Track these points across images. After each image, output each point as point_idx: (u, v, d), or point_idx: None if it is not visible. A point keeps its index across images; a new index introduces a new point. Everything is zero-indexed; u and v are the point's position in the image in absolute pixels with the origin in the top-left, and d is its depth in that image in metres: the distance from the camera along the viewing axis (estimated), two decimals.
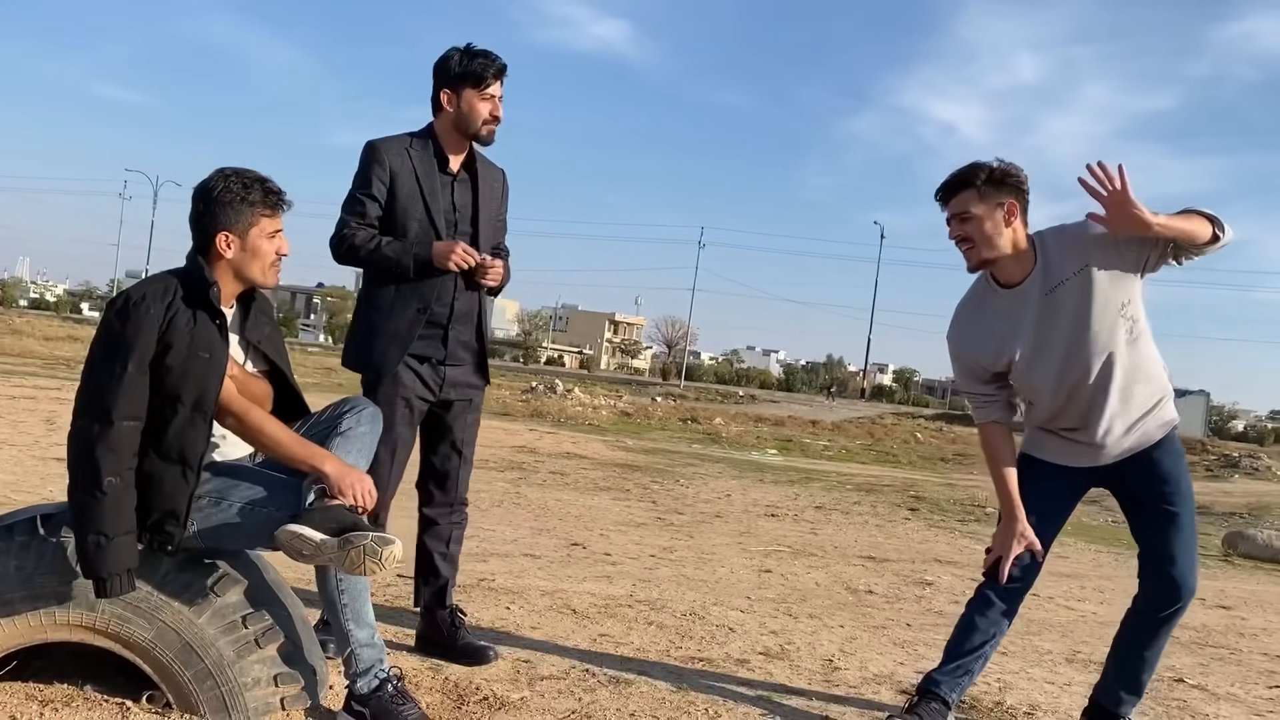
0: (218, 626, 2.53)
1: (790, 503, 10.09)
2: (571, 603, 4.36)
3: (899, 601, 5.30)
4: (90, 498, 2.38)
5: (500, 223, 3.45)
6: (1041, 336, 2.86)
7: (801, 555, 6.66)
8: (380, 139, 3.24)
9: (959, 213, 2.85)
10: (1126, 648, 3.02)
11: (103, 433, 2.39)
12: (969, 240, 2.85)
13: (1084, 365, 2.84)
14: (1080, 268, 2.80)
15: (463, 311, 3.27)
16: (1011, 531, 2.94)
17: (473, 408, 3.39)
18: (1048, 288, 2.83)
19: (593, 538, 6.54)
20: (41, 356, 22.68)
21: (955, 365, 3.07)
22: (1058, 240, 2.86)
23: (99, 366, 2.44)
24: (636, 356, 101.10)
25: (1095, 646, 4.58)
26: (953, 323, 3.04)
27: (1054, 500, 3.02)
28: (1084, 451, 2.94)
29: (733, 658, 3.75)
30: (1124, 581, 6.77)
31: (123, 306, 2.45)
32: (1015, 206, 2.82)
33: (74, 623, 2.50)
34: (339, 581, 2.50)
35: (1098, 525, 10.33)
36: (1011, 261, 2.86)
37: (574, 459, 12.39)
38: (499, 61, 3.23)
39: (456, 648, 3.32)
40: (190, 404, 2.46)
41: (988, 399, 3.01)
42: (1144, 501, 2.95)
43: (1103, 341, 2.82)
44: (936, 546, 7.85)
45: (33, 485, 6.23)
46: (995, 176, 2.82)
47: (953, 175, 2.88)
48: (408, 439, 3.26)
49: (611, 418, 22.35)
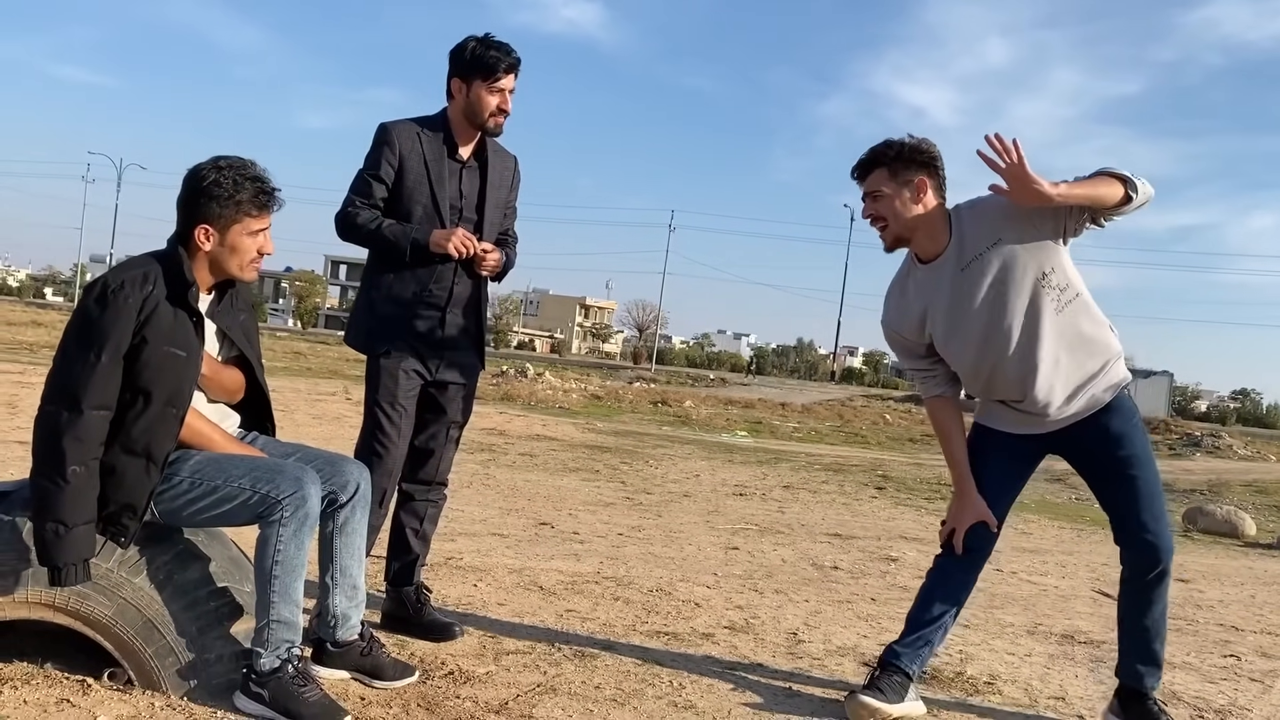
0: (180, 603, 2.52)
1: (759, 482, 10.15)
2: (539, 580, 4.38)
3: (864, 577, 5.36)
4: (53, 484, 2.36)
5: (510, 209, 3.46)
6: (957, 311, 2.86)
7: (769, 533, 6.71)
8: (393, 122, 3.25)
9: (871, 191, 2.86)
10: (1128, 620, 3.02)
11: (71, 421, 2.37)
12: (882, 219, 2.87)
13: (1002, 338, 2.84)
14: (994, 241, 2.80)
15: (461, 295, 3.29)
16: (963, 504, 2.98)
17: (466, 390, 3.41)
18: (963, 263, 2.84)
19: (561, 517, 6.55)
20: (4, 342, 22.34)
21: (889, 343, 3.12)
22: (972, 214, 2.86)
23: (73, 353, 2.41)
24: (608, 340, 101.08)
25: (1056, 619, 4.65)
26: (884, 301, 3.07)
27: (1006, 471, 3.04)
28: (1031, 420, 2.95)
29: (698, 632, 3.78)
30: (1085, 557, 6.88)
31: (101, 293, 2.41)
32: (925, 183, 2.82)
33: (33, 600, 2.49)
34: (276, 553, 2.46)
35: (1061, 503, 10.48)
36: (925, 238, 2.87)
37: (544, 441, 12.39)
38: (512, 56, 3.21)
39: (422, 624, 3.33)
40: (162, 400, 2.44)
41: (926, 374, 3.04)
42: (1101, 466, 2.96)
43: (1021, 314, 2.81)
44: (902, 524, 7.93)
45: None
46: (905, 154, 2.83)
47: (865, 154, 2.89)
48: (411, 413, 3.28)
49: (582, 401, 22.35)
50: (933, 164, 2.86)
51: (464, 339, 3.35)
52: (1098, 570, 6.26)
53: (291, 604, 2.50)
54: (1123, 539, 2.96)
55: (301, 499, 2.47)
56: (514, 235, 3.50)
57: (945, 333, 2.91)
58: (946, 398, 3.05)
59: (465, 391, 3.41)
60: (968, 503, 2.98)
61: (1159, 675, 3.03)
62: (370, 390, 3.27)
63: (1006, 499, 3.04)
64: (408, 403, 3.25)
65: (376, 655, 2.78)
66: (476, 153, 3.35)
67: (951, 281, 2.86)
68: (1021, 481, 3.10)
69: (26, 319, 31.67)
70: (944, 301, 2.88)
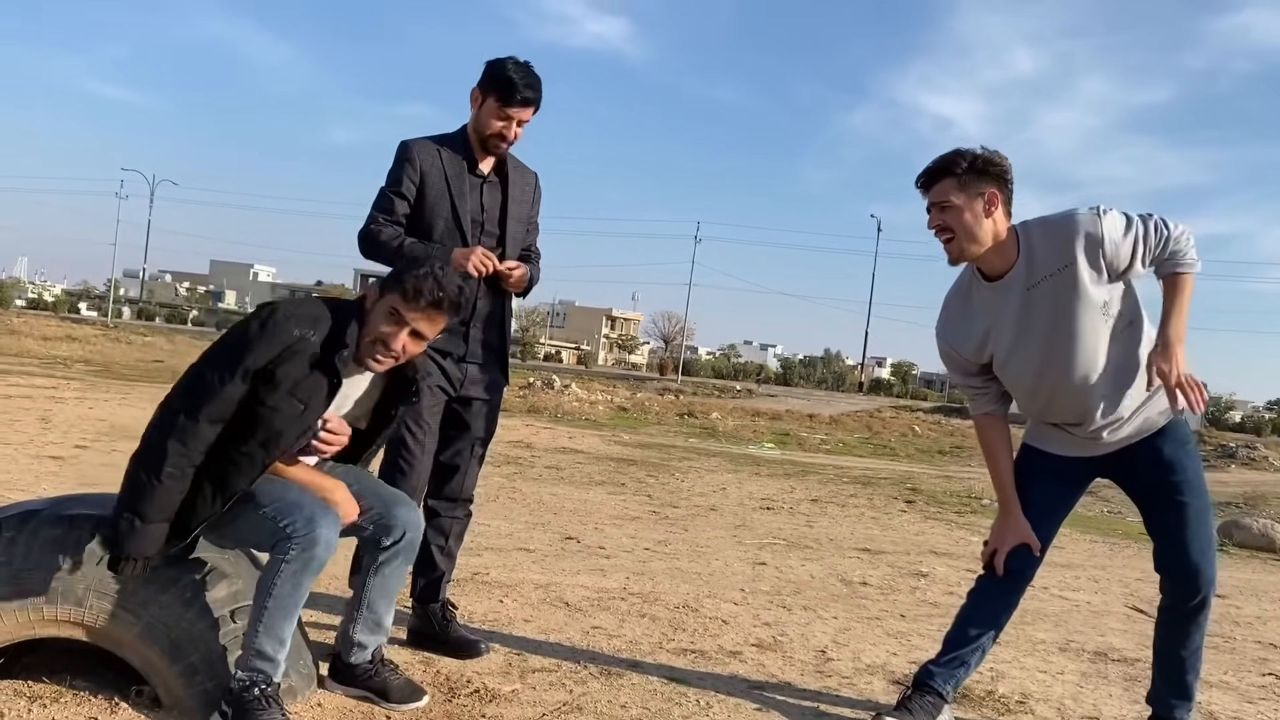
0: (206, 622, 2.53)
1: (786, 496, 10.09)
2: (565, 596, 4.36)
3: (893, 593, 5.30)
4: (146, 479, 2.39)
5: (532, 225, 3.46)
6: (1021, 331, 2.80)
7: (796, 548, 6.66)
8: (413, 139, 3.26)
9: (939, 201, 2.77)
10: (1163, 649, 2.97)
11: (184, 426, 2.40)
12: (949, 230, 2.77)
13: (1065, 362, 2.78)
14: (1065, 264, 2.72)
15: (484, 311, 3.29)
16: (1007, 524, 2.92)
17: (490, 406, 3.40)
18: (1030, 282, 2.77)
19: (587, 531, 6.54)
20: (39, 356, 22.66)
21: (943, 359, 3.04)
22: (1042, 233, 2.78)
23: (216, 362, 2.44)
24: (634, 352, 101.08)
25: (1089, 636, 4.58)
26: (940, 315, 3.00)
27: (1054, 493, 2.98)
28: (1082, 442, 2.90)
29: (725, 650, 3.75)
30: (1118, 571, 6.79)
31: (269, 317, 2.44)
32: (997, 196, 2.74)
33: (62, 618, 2.50)
34: (272, 586, 2.43)
35: (1093, 516, 10.35)
36: (993, 254, 2.79)
37: (570, 454, 12.39)
38: (533, 90, 3.19)
39: (448, 641, 3.33)
40: (259, 440, 2.44)
41: (979, 391, 2.98)
42: (1150, 492, 2.90)
43: (1085, 339, 2.76)
44: (932, 538, 7.86)
45: (26, 484, 6.22)
46: (977, 165, 2.74)
47: (934, 162, 2.80)
48: (435, 430, 3.27)
49: (608, 412, 22.35)
50: (1004, 177, 2.76)
51: (488, 354, 3.34)
52: (1131, 585, 6.17)
53: (275, 640, 2.44)
54: (1165, 566, 2.90)
55: (310, 541, 2.42)
56: (537, 251, 3.49)
57: (1007, 353, 2.84)
58: (996, 415, 2.99)
59: (489, 408, 3.40)
60: (1012, 523, 2.92)
61: (1190, 708, 2.99)
62: None
63: (1052, 522, 2.97)
64: (432, 419, 3.25)
65: (384, 677, 2.78)
66: (497, 168, 3.35)
67: (1019, 301, 2.78)
68: (1069, 504, 3.03)
69: (61, 333, 32.09)
70: (1009, 321, 2.81)
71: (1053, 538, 2.97)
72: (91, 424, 9.92)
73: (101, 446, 8.42)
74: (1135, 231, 2.70)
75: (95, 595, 2.50)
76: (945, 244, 2.80)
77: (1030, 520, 2.91)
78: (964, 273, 2.93)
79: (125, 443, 8.81)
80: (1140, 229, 2.71)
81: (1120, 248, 2.70)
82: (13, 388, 12.99)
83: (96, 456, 7.81)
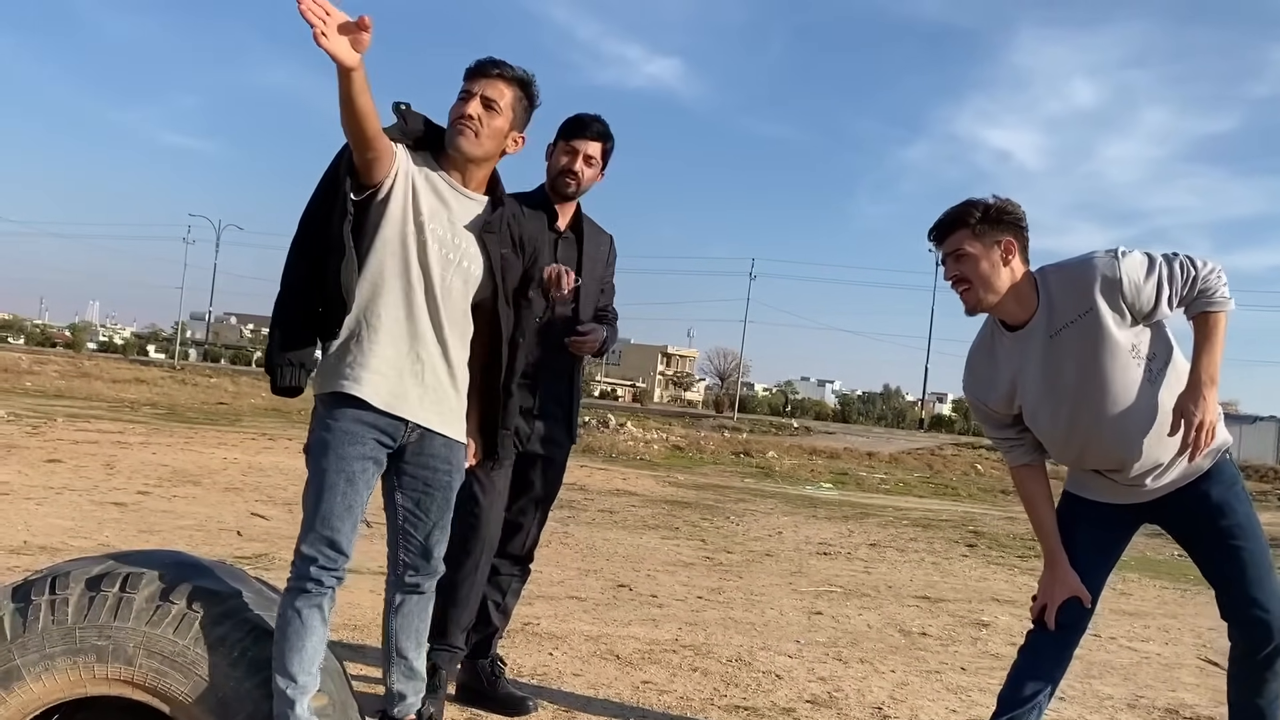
0: (254, 680, 2.52)
1: (843, 540, 9.93)
2: (615, 648, 4.31)
3: (954, 644, 5.17)
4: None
5: (607, 286, 3.48)
6: (1048, 381, 2.73)
7: (854, 596, 6.53)
8: None
9: (953, 251, 2.74)
10: (1238, 702, 2.83)
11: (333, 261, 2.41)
12: (965, 281, 2.73)
13: (1095, 409, 2.70)
14: (1085, 310, 2.66)
15: (554, 367, 3.29)
16: (1054, 578, 2.82)
17: (555, 465, 3.38)
18: (1052, 329, 2.71)
19: (639, 579, 6.48)
20: (107, 399, 23.23)
21: (974, 412, 2.99)
22: (1060, 279, 2.73)
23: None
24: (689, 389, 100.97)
25: (1159, 691, 4.42)
26: (965, 371, 2.94)
27: (1100, 542, 2.89)
28: (1124, 490, 2.81)
29: (779, 706, 3.67)
30: (1190, 620, 6.55)
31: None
32: (1013, 245, 2.70)
33: (113, 677, 2.51)
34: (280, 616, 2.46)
35: (1162, 560, 10.02)
36: (1012, 302, 2.74)
37: (624, 496, 12.34)
38: (598, 125, 3.29)
39: (497, 697, 3.30)
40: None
41: (1014, 443, 2.90)
42: (1202, 539, 2.80)
43: (1115, 386, 2.68)
44: (995, 585, 7.66)
45: (89, 531, 6.34)
46: (991, 214, 2.71)
47: (946, 213, 2.77)
48: (504, 488, 3.25)
49: (663, 452, 22.27)
50: (1019, 225, 2.74)
51: (558, 410, 3.32)
52: (1204, 635, 5.95)
53: (285, 675, 2.42)
54: (1230, 614, 2.78)
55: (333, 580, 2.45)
56: (613, 312, 3.50)
57: (1035, 403, 2.78)
58: (1035, 466, 2.91)
59: (554, 466, 3.37)
60: (1059, 576, 2.82)
61: None
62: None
63: (1101, 572, 2.88)
64: (500, 477, 3.21)
65: None
66: (573, 225, 3.37)
67: (1041, 350, 2.73)
68: (1116, 553, 2.94)
69: (130, 376, 32.92)
70: (1034, 371, 2.75)
71: (1101, 588, 2.87)
72: (154, 469, 10.12)
73: (163, 492, 8.58)
74: (1159, 273, 2.64)
75: (145, 654, 2.50)
76: (962, 294, 2.77)
77: (1078, 571, 2.81)
78: (985, 325, 2.88)
79: (186, 488, 8.98)
80: (1164, 270, 2.64)
81: (1142, 290, 2.64)
82: (80, 433, 13.32)
83: (158, 503, 7.95)
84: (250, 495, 9.04)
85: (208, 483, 9.55)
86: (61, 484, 8.39)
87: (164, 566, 2.61)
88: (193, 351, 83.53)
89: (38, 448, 10.98)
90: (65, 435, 12.70)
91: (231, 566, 2.82)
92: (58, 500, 7.53)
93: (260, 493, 9.26)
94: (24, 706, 2.51)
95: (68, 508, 7.24)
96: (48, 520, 6.58)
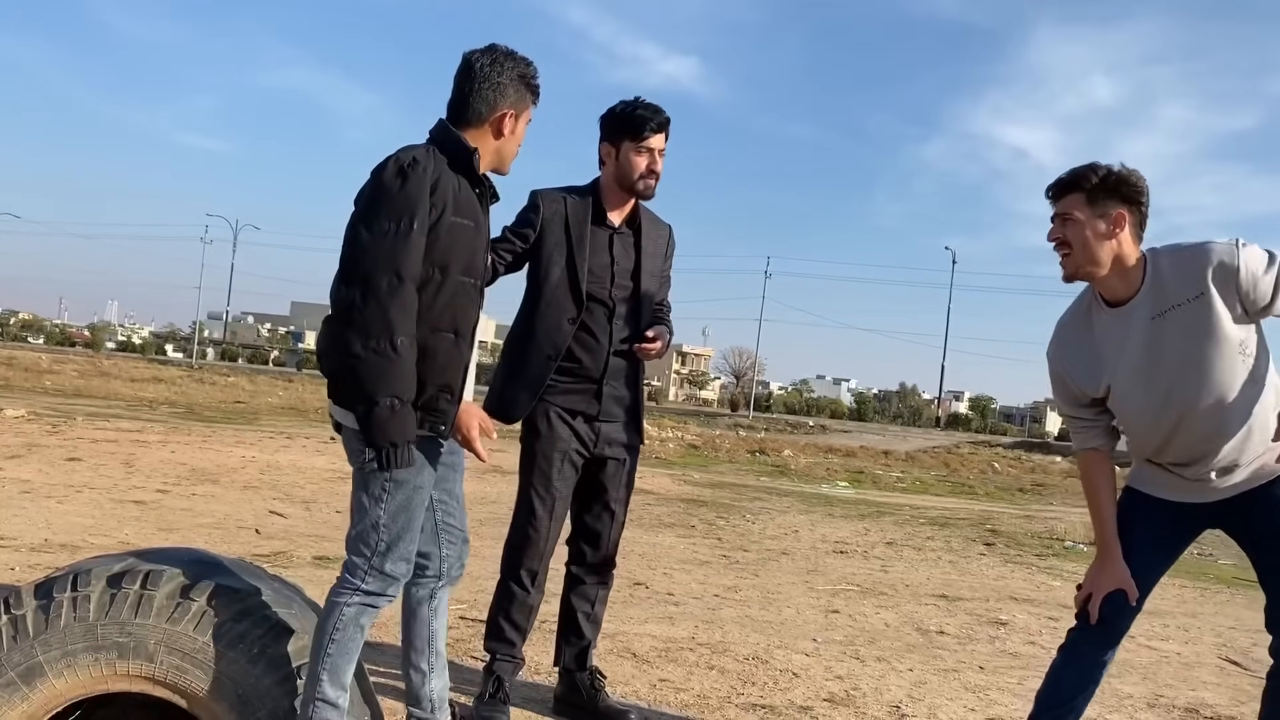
0: (273, 677, 2.53)
1: (860, 538, 9.90)
2: (632, 646, 4.31)
3: (972, 643, 5.14)
4: (385, 359, 2.23)
5: (665, 279, 3.41)
6: (1146, 364, 2.61)
7: (871, 594, 6.51)
8: (543, 189, 3.26)
9: (1063, 212, 2.63)
10: (1274, 714, 2.73)
11: (394, 290, 2.24)
12: (1067, 245, 2.62)
13: (1189, 401, 2.60)
14: (1197, 294, 2.54)
15: (618, 369, 3.23)
16: (1105, 568, 2.71)
17: (626, 467, 3.32)
18: (1156, 311, 2.59)
19: (656, 577, 6.48)
20: (126, 398, 23.38)
21: (1053, 385, 2.84)
22: (1173, 260, 2.60)
23: (381, 226, 2.28)
24: (705, 388, 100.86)
25: (1179, 690, 4.39)
26: (1053, 339, 2.81)
27: (1157, 540, 2.78)
28: (1190, 486, 2.70)
29: (796, 704, 3.66)
30: (1210, 619, 6.50)
31: (398, 169, 2.33)
32: (1124, 218, 2.58)
33: (134, 673, 2.53)
34: (335, 631, 2.41)
35: (1183, 558, 9.95)
36: (1114, 277, 2.63)
37: (639, 494, 12.31)
38: (661, 115, 3.17)
39: (597, 711, 3.26)
40: (459, 271, 2.39)
41: (1087, 424, 2.78)
42: (1267, 543, 2.69)
43: (1216, 377, 2.58)
44: (1013, 583, 7.63)
45: (109, 529, 6.39)
46: (1109, 182, 2.59)
47: (1066, 173, 2.65)
48: (565, 495, 3.21)
49: (679, 450, 22.26)
50: (1137, 199, 2.61)
51: (621, 411, 3.26)
52: (1224, 635, 5.91)
53: (339, 687, 2.42)
54: (1277, 625, 2.69)
55: (384, 584, 2.44)
56: (668, 305, 3.45)
57: (1128, 385, 2.66)
58: (1103, 452, 2.78)
59: (627, 468, 3.32)
60: (1110, 566, 2.71)
61: None
62: (525, 470, 3.20)
63: (1154, 572, 2.78)
64: (562, 484, 3.18)
65: None
66: (629, 219, 3.28)
67: (1143, 330, 2.61)
68: (1174, 554, 2.83)
69: (149, 375, 33.14)
70: (1132, 352, 2.63)
71: (1152, 588, 2.77)
72: (173, 468, 10.18)
73: (181, 491, 8.63)
74: (1278, 268, 2.53)
75: (165, 650, 2.52)
76: (1062, 259, 2.66)
77: (1130, 567, 2.71)
78: (1083, 294, 2.75)
79: (205, 486, 9.03)
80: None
81: (1259, 283, 2.53)
82: (99, 431, 13.41)
83: (177, 501, 8.00)
84: (268, 493, 9.08)
85: (226, 481, 9.61)
86: (82, 482, 8.45)
87: (184, 564, 2.63)
88: (210, 351, 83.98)
89: (58, 446, 11.06)
90: (85, 434, 12.79)
91: (250, 564, 2.83)
92: (78, 498, 7.58)
93: (278, 491, 9.30)
94: (47, 703, 2.53)
95: (88, 506, 7.29)
96: (68, 518, 6.64)
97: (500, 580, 3.21)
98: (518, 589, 3.17)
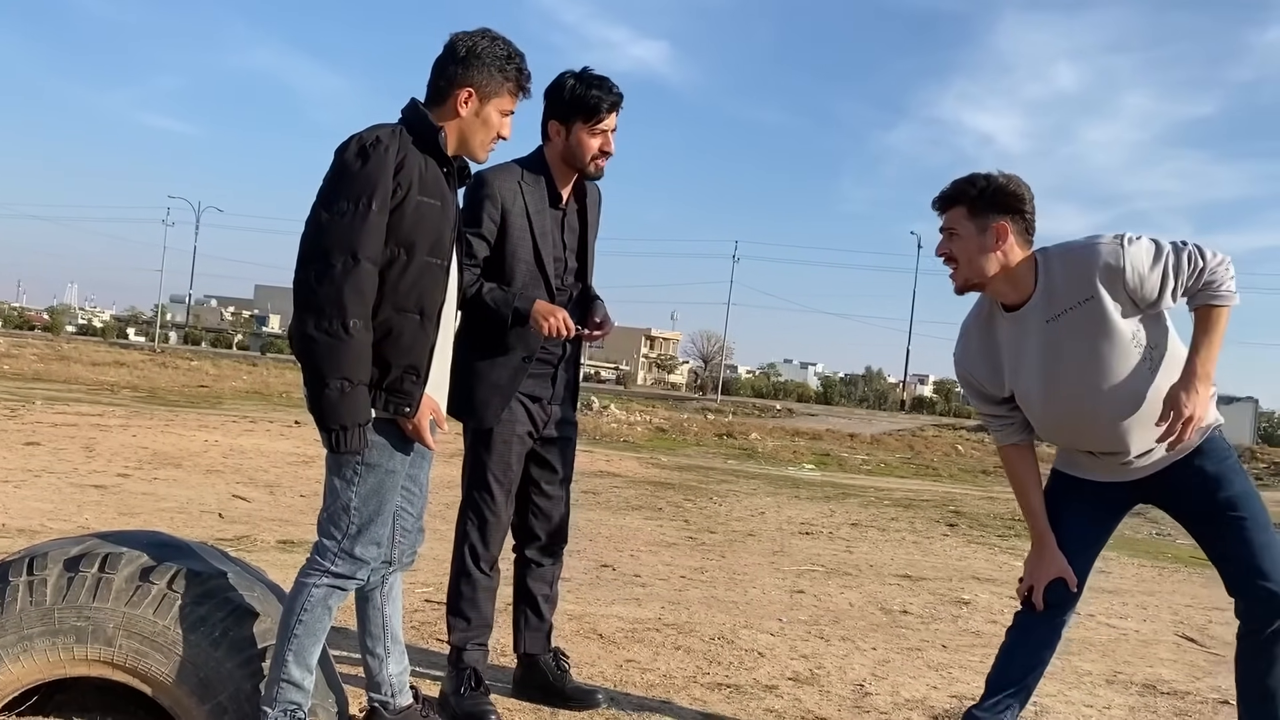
0: (235, 660, 2.52)
1: (825, 520, 9.98)
2: (598, 627, 4.32)
3: (935, 622, 5.20)
4: (336, 340, 2.22)
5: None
6: (1043, 365, 2.68)
7: (835, 574, 6.57)
8: (491, 171, 3.04)
9: (948, 228, 2.70)
10: (1246, 680, 2.76)
11: (348, 271, 2.24)
12: (954, 260, 2.69)
13: (1091, 399, 2.65)
14: (1087, 296, 2.59)
15: (571, 355, 3.22)
16: (1042, 559, 2.78)
17: (571, 445, 3.30)
18: (1049, 315, 2.65)
19: (623, 559, 6.49)
20: (87, 382, 23.05)
21: (963, 386, 2.93)
22: (1063, 263, 2.65)
23: (340, 206, 2.27)
24: (673, 371, 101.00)
25: (1137, 667, 4.46)
26: (958, 342, 2.88)
27: (1089, 522, 2.83)
28: (1115, 469, 2.76)
29: (761, 684, 3.68)
30: (1167, 598, 6.62)
31: (359, 148, 2.31)
32: (1006, 229, 2.63)
33: (92, 658, 2.50)
34: (303, 612, 2.40)
35: (1141, 539, 10.12)
36: (1004, 284, 2.68)
37: (607, 477, 12.35)
38: (614, 94, 3.03)
39: (564, 692, 3.24)
40: (425, 251, 2.36)
41: (1004, 421, 2.84)
42: (1201, 514, 2.74)
43: (1113, 373, 2.63)
44: (975, 563, 7.72)
45: (69, 514, 6.30)
46: (988, 195, 2.64)
47: (948, 186, 2.71)
48: (518, 476, 3.16)
49: (647, 434, 22.31)
50: (1019, 209, 2.65)
51: (567, 394, 3.25)
52: (1181, 613, 6.01)
53: (304, 668, 2.41)
54: (1236, 589, 2.70)
55: (354, 567, 2.43)
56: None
57: (1029, 386, 2.72)
58: (1023, 446, 2.85)
59: (570, 447, 3.30)
60: (1047, 556, 2.77)
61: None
62: (478, 457, 3.11)
63: (1089, 553, 2.83)
64: (519, 467, 3.15)
65: (430, 716, 2.75)
66: (575, 193, 3.20)
67: (1038, 333, 2.67)
68: (1105, 533, 2.88)
69: (110, 359, 32.67)
70: (1029, 354, 2.69)
71: (1090, 568, 2.83)
72: (134, 452, 10.06)
73: (143, 475, 8.53)
74: (1165, 262, 2.57)
75: (125, 635, 2.49)
76: (951, 274, 2.73)
77: (1066, 553, 2.76)
78: (982, 299, 2.82)
79: (167, 470, 8.93)
80: (1171, 260, 2.57)
81: (1146, 280, 2.58)
82: (59, 415, 13.22)
83: (138, 485, 7.91)
84: (231, 478, 9.00)
85: (189, 465, 9.51)
86: (40, 467, 8.33)
87: (144, 547, 2.60)
88: (173, 334, 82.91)
89: (15, 431, 10.89)
90: (44, 418, 12.60)
91: (213, 548, 2.80)
92: (36, 483, 7.48)
93: (241, 475, 9.22)
94: (2, 688, 2.49)
95: (47, 490, 7.19)
96: (26, 503, 6.54)
97: (462, 570, 3.14)
98: (481, 575, 3.13)
